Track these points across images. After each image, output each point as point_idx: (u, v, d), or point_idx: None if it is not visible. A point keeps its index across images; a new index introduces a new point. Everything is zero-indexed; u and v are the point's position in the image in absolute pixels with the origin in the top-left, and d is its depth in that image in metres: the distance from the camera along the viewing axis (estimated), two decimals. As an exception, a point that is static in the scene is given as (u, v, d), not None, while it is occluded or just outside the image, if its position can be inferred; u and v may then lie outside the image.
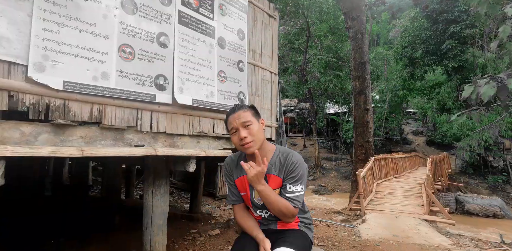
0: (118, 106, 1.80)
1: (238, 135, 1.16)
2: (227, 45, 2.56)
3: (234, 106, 1.23)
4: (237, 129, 1.17)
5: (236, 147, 1.21)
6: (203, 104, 2.27)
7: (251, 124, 1.18)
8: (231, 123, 1.19)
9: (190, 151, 1.90)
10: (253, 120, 1.19)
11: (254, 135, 1.16)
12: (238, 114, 1.18)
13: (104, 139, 1.75)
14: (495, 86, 4.94)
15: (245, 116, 1.18)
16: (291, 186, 1.21)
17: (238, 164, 1.28)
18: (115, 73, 1.77)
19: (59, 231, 2.77)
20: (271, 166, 1.23)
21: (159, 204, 2.05)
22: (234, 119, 1.18)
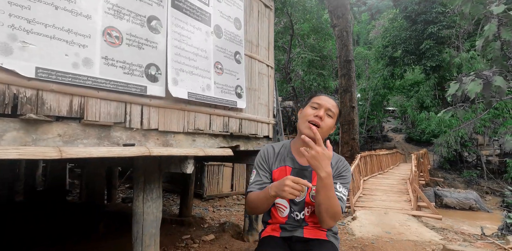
0: (103, 99, 1.54)
1: (316, 111, 1.12)
2: (224, 34, 2.34)
3: (328, 96, 1.22)
4: (321, 107, 1.13)
5: (300, 122, 1.15)
6: (199, 98, 2.05)
7: (332, 118, 1.15)
8: (321, 100, 1.15)
9: (188, 150, 1.68)
10: (335, 117, 1.17)
11: (326, 125, 1.12)
12: (332, 101, 1.17)
13: (86, 137, 1.49)
14: (481, 83, 4.97)
15: (334, 107, 1.15)
16: (340, 185, 1.16)
17: (279, 154, 1.22)
18: (99, 60, 1.51)
19: (30, 241, 2.45)
20: None
21: (151, 211, 1.82)
22: (327, 101, 1.15)
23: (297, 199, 1.16)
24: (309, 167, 1.17)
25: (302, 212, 1.18)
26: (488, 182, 13.47)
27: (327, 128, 1.12)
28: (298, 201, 1.17)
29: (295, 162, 1.19)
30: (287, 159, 1.20)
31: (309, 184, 0.99)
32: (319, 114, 1.11)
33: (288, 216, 1.19)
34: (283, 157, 1.20)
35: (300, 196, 1.17)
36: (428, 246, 4.06)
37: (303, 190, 0.95)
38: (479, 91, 4.43)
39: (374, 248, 3.49)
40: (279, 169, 1.19)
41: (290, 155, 1.21)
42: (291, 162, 1.19)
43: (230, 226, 2.91)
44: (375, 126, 20.70)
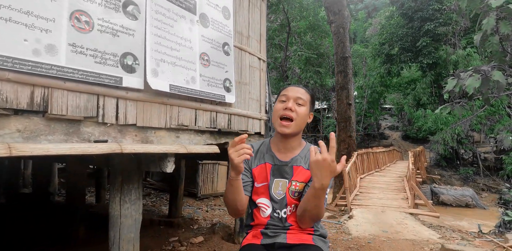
0: (70, 90, 1.39)
1: (285, 104, 1.07)
2: (211, 23, 2.19)
3: (296, 85, 1.17)
4: (288, 99, 1.08)
5: (273, 119, 1.10)
6: (183, 92, 1.90)
7: (303, 106, 1.09)
8: (287, 91, 1.11)
9: (168, 147, 1.53)
10: (307, 105, 1.11)
11: (298, 115, 1.07)
12: (300, 89, 1.12)
13: (51, 133, 1.34)
14: (479, 78, 4.84)
15: (303, 94, 1.10)
16: None
17: (258, 152, 1.16)
18: (65, 47, 1.35)
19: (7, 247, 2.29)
20: (301, 158, 1.12)
21: (130, 213, 1.67)
22: (292, 91, 1.10)
23: (278, 197, 1.09)
24: (289, 162, 1.11)
25: (284, 210, 1.10)
26: (484, 179, 13.48)
27: (301, 117, 1.07)
28: (279, 198, 1.10)
29: (275, 158, 1.13)
30: (267, 156, 1.15)
31: (245, 135, 0.93)
32: (288, 106, 1.05)
33: (271, 215, 1.11)
34: (263, 154, 1.15)
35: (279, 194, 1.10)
36: (426, 245, 3.97)
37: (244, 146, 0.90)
38: (477, 87, 4.32)
39: (371, 248, 3.38)
40: (259, 166, 1.14)
41: (270, 152, 1.15)
42: (271, 159, 1.14)
43: (220, 227, 2.78)
44: (372, 123, 20.67)
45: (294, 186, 1.08)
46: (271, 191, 1.10)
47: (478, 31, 4.99)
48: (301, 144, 1.16)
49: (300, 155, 1.12)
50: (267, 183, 1.11)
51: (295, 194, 1.09)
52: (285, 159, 1.12)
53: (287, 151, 1.12)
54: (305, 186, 1.09)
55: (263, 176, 1.12)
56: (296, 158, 1.11)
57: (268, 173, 1.11)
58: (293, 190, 1.09)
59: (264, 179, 1.11)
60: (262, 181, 1.12)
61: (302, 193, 1.08)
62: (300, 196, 1.09)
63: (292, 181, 1.09)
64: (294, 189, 1.08)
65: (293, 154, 1.12)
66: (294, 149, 1.13)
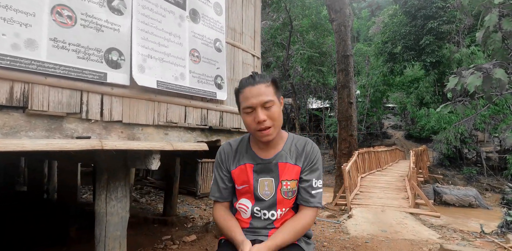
0: (52, 86, 1.37)
1: (254, 116, 0.94)
2: (202, 19, 2.16)
3: (253, 75, 0.96)
4: (256, 108, 0.93)
5: (249, 130, 1.00)
6: (171, 88, 1.87)
7: (273, 105, 0.94)
8: (248, 99, 0.93)
9: (152, 143, 1.50)
10: (275, 99, 0.96)
11: (275, 119, 0.95)
12: (258, 89, 0.93)
13: (32, 129, 1.32)
14: (481, 76, 4.78)
15: (267, 93, 0.93)
16: (316, 181, 1.05)
17: (237, 151, 1.07)
18: (46, 41, 1.33)
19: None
20: (286, 153, 1.04)
21: (116, 211, 1.65)
22: (253, 95, 0.92)
23: (265, 198, 1.03)
24: (273, 159, 1.03)
25: (273, 212, 1.03)
26: (488, 178, 13.32)
27: (277, 118, 0.96)
28: (267, 199, 1.03)
29: (256, 157, 1.05)
30: (246, 156, 1.05)
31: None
32: (259, 120, 0.92)
33: (253, 215, 1.05)
34: (242, 154, 1.06)
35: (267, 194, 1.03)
36: (425, 245, 3.91)
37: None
38: (479, 85, 4.26)
39: (367, 248, 3.33)
40: (239, 168, 1.05)
41: (250, 151, 1.07)
42: (252, 158, 1.05)
43: (214, 226, 2.75)
44: (375, 122, 20.54)
45: (285, 185, 1.02)
46: (257, 192, 1.03)
47: (480, 28, 4.91)
48: (282, 138, 1.07)
49: (284, 149, 1.05)
50: (248, 185, 1.04)
51: (288, 194, 1.02)
52: (268, 156, 1.04)
53: (269, 148, 1.05)
54: (301, 187, 1.04)
55: (243, 178, 1.05)
56: (280, 153, 1.04)
57: (250, 173, 1.04)
58: (285, 190, 1.02)
59: (245, 181, 1.05)
60: (242, 183, 1.05)
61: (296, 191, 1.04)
62: (295, 195, 1.04)
63: (282, 181, 1.02)
64: (286, 189, 1.02)
65: (276, 149, 1.05)
66: (276, 144, 1.05)
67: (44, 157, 2.53)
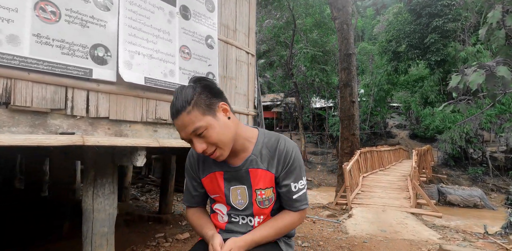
0: (35, 82, 1.37)
1: (193, 147, 0.85)
2: (192, 16, 2.14)
3: (172, 105, 0.83)
4: (189, 139, 0.83)
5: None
6: (160, 85, 1.86)
7: (206, 129, 0.81)
8: (180, 133, 0.84)
9: (137, 140, 1.50)
10: (206, 121, 0.81)
11: (214, 142, 0.82)
12: (181, 121, 0.81)
13: (16, 124, 1.32)
14: (483, 73, 4.69)
15: (190, 121, 0.80)
16: (296, 184, 0.94)
17: (206, 158, 0.95)
18: (29, 37, 1.33)
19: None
20: (255, 157, 0.92)
21: (103, 208, 1.65)
22: (180, 128, 0.82)
23: (239, 207, 0.96)
24: (242, 165, 0.93)
25: (249, 218, 0.97)
26: (494, 179, 13.12)
27: (218, 138, 0.83)
28: (241, 208, 0.96)
29: (225, 165, 0.94)
30: (214, 163, 0.95)
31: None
32: (198, 151, 0.83)
33: (229, 221, 1.00)
34: (210, 161, 0.96)
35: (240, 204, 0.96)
36: (424, 245, 3.85)
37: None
38: (482, 83, 4.18)
39: (364, 248, 3.29)
40: (208, 176, 0.97)
41: None
42: (220, 166, 0.95)
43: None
44: (379, 122, 20.36)
45: (259, 195, 0.94)
46: (229, 202, 0.96)
47: (483, 25, 4.82)
48: (250, 140, 0.93)
49: (254, 152, 0.92)
50: (219, 194, 0.97)
51: (265, 203, 0.95)
52: (237, 162, 0.93)
53: (238, 153, 0.93)
54: (279, 193, 0.96)
55: (214, 187, 0.97)
56: (250, 158, 0.92)
57: (221, 182, 0.96)
58: (261, 200, 0.94)
59: (216, 191, 0.97)
60: (214, 193, 0.98)
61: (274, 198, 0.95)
62: (272, 203, 0.96)
63: (256, 190, 0.93)
64: (261, 199, 0.94)
65: (245, 153, 0.93)
66: (244, 148, 0.93)
67: (40, 154, 2.54)
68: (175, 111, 0.81)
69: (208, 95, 0.83)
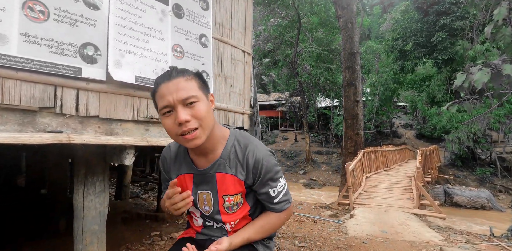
0: (24, 80, 1.38)
1: (174, 117, 0.76)
2: (186, 14, 2.14)
3: (170, 70, 0.79)
4: (174, 107, 0.76)
5: (171, 137, 0.81)
6: (152, 84, 1.86)
7: (197, 101, 0.77)
8: (164, 97, 0.76)
9: (126, 138, 1.50)
10: (200, 95, 0.78)
11: (201, 117, 0.77)
12: (175, 84, 0.76)
13: (4, 123, 1.33)
14: (489, 72, 4.58)
15: (188, 88, 0.76)
16: (274, 189, 0.89)
17: (177, 156, 0.92)
18: (17, 36, 1.34)
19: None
20: (224, 161, 0.87)
21: (93, 206, 1.66)
22: (170, 91, 0.75)
23: (206, 213, 0.93)
24: (209, 169, 0.88)
25: (220, 224, 0.95)
26: (502, 180, 12.84)
27: (204, 118, 0.78)
28: (208, 214, 0.93)
29: (193, 167, 0.90)
30: (184, 164, 0.91)
31: (177, 189, 0.79)
32: (181, 121, 0.74)
33: (203, 224, 0.98)
34: (180, 162, 0.92)
35: (206, 210, 0.93)
36: (425, 247, 3.79)
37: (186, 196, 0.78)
38: (488, 82, 4.09)
39: (361, 249, 3.25)
40: (178, 178, 0.92)
41: (187, 158, 0.92)
42: (188, 167, 0.91)
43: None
44: (385, 121, 20.13)
45: (227, 201, 0.89)
46: (197, 207, 0.93)
47: (489, 23, 4.70)
48: (220, 141, 0.88)
49: (223, 156, 0.87)
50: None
51: (233, 208, 0.90)
52: (205, 165, 0.89)
53: (206, 153, 0.88)
54: (242, 195, 0.91)
55: (183, 189, 0.90)
56: (218, 162, 0.87)
57: (189, 185, 0.92)
58: (228, 206, 0.90)
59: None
60: None
61: (242, 202, 0.91)
62: (240, 207, 0.92)
63: (224, 196, 0.89)
64: (229, 205, 0.89)
65: (214, 155, 0.88)
66: (214, 150, 0.88)
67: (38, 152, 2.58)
68: (171, 74, 0.78)
69: (203, 80, 0.83)
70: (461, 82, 4.74)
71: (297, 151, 20.08)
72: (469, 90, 5.31)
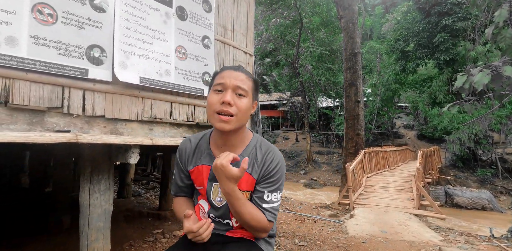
0: (33, 81, 1.43)
1: (222, 95, 0.86)
2: (189, 16, 2.18)
3: (239, 66, 0.95)
4: (226, 88, 0.87)
5: (208, 112, 0.90)
6: (155, 84, 1.91)
7: (245, 96, 0.88)
8: (224, 78, 0.88)
9: (131, 138, 1.54)
10: (249, 94, 0.89)
11: (241, 109, 0.86)
12: (239, 74, 0.88)
13: (14, 122, 1.38)
14: (489, 74, 4.60)
15: (244, 82, 0.88)
16: (269, 194, 0.94)
17: (197, 149, 0.99)
18: (27, 39, 1.39)
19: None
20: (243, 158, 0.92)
21: (99, 203, 1.71)
22: (230, 76, 0.87)
23: (218, 204, 0.98)
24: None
25: (226, 220, 0.99)
26: (503, 181, 12.83)
27: (242, 112, 0.87)
28: (219, 206, 0.97)
29: (213, 159, 0.93)
30: (204, 156, 0.97)
31: (204, 221, 0.86)
32: (225, 100, 0.84)
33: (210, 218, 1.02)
34: (200, 153, 0.98)
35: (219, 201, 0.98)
36: (424, 247, 3.82)
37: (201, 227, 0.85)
38: (488, 83, 4.11)
39: (361, 249, 3.29)
40: (196, 168, 0.98)
41: (208, 150, 0.98)
42: (209, 160, 0.96)
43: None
44: (386, 122, 20.13)
45: None
46: (209, 197, 0.97)
47: (490, 24, 4.71)
48: (244, 140, 0.97)
49: (243, 154, 0.95)
50: (203, 187, 0.99)
51: None
52: None
53: (228, 149, 0.94)
54: (253, 197, 0.95)
55: (199, 179, 0.99)
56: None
57: (205, 176, 0.97)
58: None
59: (201, 183, 0.99)
60: (200, 184, 1.00)
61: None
62: None
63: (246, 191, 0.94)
64: None
65: (234, 152, 0.94)
66: (236, 147, 0.95)
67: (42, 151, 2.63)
68: (239, 67, 0.92)
69: (258, 88, 0.96)
70: (462, 84, 4.76)
71: (298, 151, 20.11)
72: (470, 91, 5.33)
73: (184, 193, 1.07)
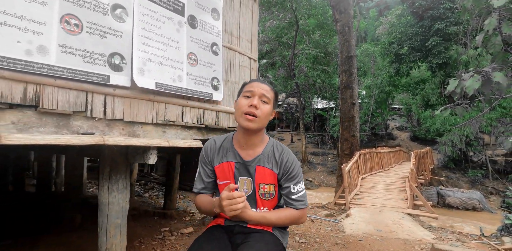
0: (61, 87, 1.53)
1: (250, 100, 1.07)
2: (199, 25, 2.30)
3: (264, 79, 1.14)
4: (254, 95, 1.08)
5: (236, 114, 1.10)
6: (169, 89, 2.02)
7: (268, 104, 1.10)
8: (253, 87, 1.09)
9: (150, 140, 1.65)
10: (271, 102, 1.11)
11: (263, 113, 1.07)
12: (265, 86, 1.11)
13: (43, 125, 1.48)
14: (479, 79, 4.84)
15: (268, 92, 1.10)
16: (295, 186, 1.14)
17: (221, 148, 1.16)
18: (55, 47, 1.49)
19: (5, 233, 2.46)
20: (263, 157, 1.13)
21: (117, 201, 1.81)
22: (258, 87, 1.09)
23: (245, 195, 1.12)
24: (252, 161, 1.12)
25: (252, 209, 1.13)
26: (493, 182, 13.18)
27: (264, 115, 1.07)
28: (246, 196, 1.10)
29: (238, 156, 1.13)
30: (229, 154, 1.14)
31: (242, 193, 0.99)
32: (253, 103, 1.05)
33: None
34: (225, 152, 1.15)
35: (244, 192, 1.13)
36: (418, 245, 3.99)
37: (241, 196, 0.97)
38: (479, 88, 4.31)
39: (358, 245, 3.44)
40: (221, 164, 1.14)
41: (232, 149, 1.15)
42: (234, 157, 1.14)
43: (210, 220, 2.90)
44: (380, 123, 20.45)
45: (262, 188, 1.12)
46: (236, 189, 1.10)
47: (480, 32, 4.93)
48: (263, 141, 1.16)
49: (263, 153, 1.13)
50: (229, 181, 1.13)
51: (265, 196, 1.13)
52: (248, 157, 1.12)
53: (249, 148, 1.12)
54: (282, 194, 1.14)
55: (226, 174, 1.14)
56: (259, 157, 1.12)
57: (232, 171, 1.13)
58: (263, 192, 1.13)
59: (227, 178, 1.14)
60: (225, 179, 1.14)
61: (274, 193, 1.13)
62: (272, 197, 1.13)
63: (260, 184, 1.12)
64: (263, 191, 1.12)
65: (256, 151, 1.13)
66: (256, 146, 1.13)
67: (53, 151, 2.71)
68: (264, 81, 1.14)
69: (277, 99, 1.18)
70: (454, 88, 4.98)
71: (293, 151, 20.04)
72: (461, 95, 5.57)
73: (207, 190, 1.20)
